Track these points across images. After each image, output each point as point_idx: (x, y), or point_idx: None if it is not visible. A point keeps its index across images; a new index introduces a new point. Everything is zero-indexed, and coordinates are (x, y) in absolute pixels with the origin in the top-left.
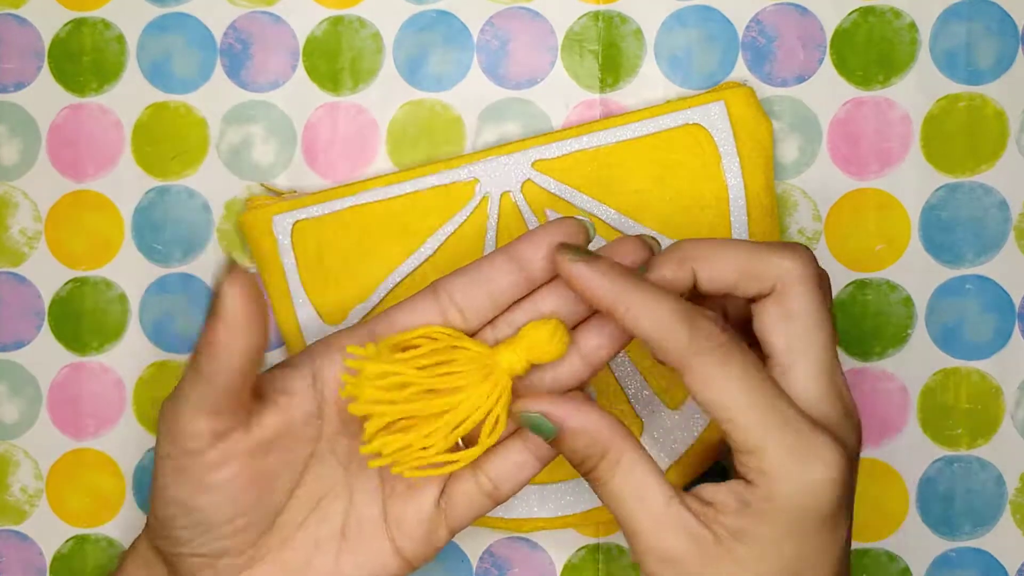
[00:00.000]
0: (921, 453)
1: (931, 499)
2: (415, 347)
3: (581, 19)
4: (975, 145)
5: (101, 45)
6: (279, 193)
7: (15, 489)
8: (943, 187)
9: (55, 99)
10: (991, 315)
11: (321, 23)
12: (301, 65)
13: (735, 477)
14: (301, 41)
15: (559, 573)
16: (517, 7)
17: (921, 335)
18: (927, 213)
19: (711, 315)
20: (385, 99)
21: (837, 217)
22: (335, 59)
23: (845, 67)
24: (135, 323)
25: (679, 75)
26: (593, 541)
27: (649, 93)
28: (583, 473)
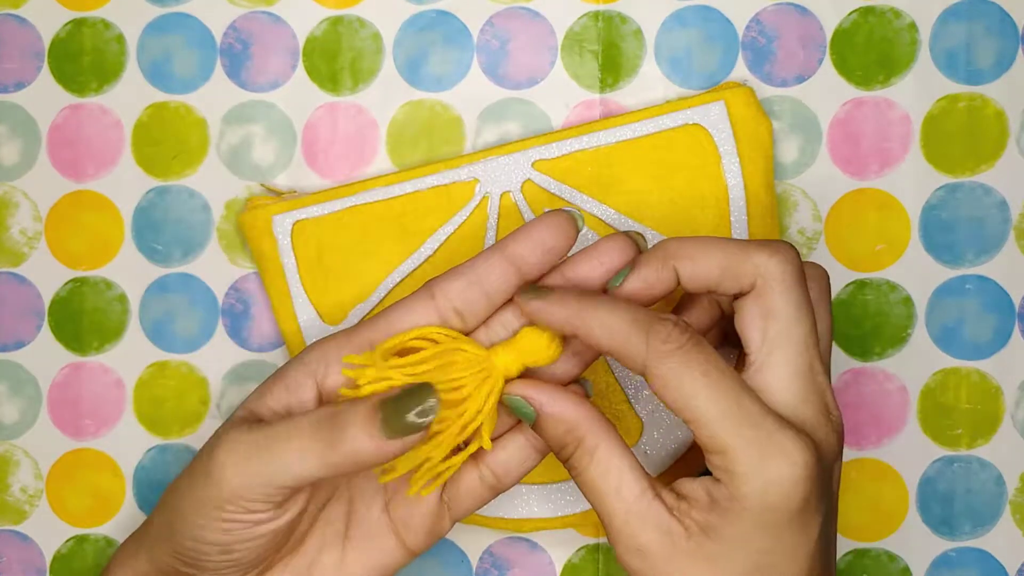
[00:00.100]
0: (921, 453)
1: (931, 499)
2: (414, 350)
3: (581, 19)
4: (975, 145)
5: (101, 45)
6: (279, 193)
7: (15, 489)
8: (943, 187)
9: (55, 99)
10: (991, 315)
11: (321, 23)
12: (301, 65)
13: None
14: (301, 41)
15: (559, 573)
16: (517, 7)
17: (921, 335)
18: (927, 213)
19: (670, 318)
20: (385, 99)
21: (837, 217)
22: (335, 59)
23: (845, 67)
24: (135, 323)
25: (679, 75)
26: (593, 541)
27: (649, 93)
28: (562, 461)
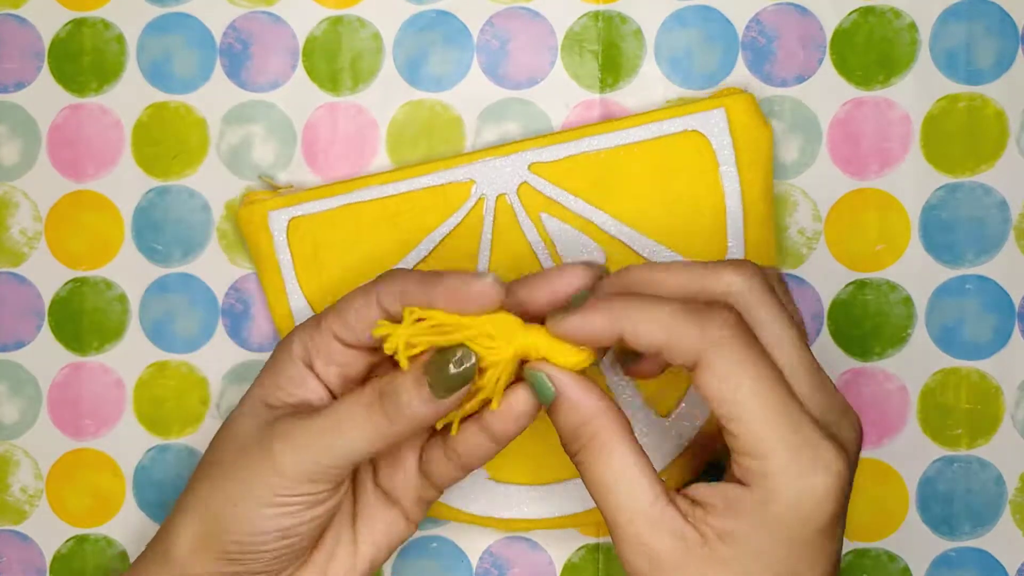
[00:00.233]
0: (921, 453)
1: (931, 499)
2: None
3: (581, 19)
4: (975, 145)
5: (101, 45)
6: (276, 188)
7: (15, 489)
8: (943, 187)
9: (55, 99)
10: (991, 315)
11: (321, 23)
12: (301, 65)
13: (729, 479)
14: (301, 41)
15: (559, 573)
16: (517, 7)
17: (921, 335)
18: (927, 213)
19: (720, 303)
20: (385, 99)
21: (837, 217)
22: (335, 59)
23: (845, 67)
24: (135, 323)
25: (679, 75)
26: (593, 541)
27: (649, 93)
28: (571, 454)
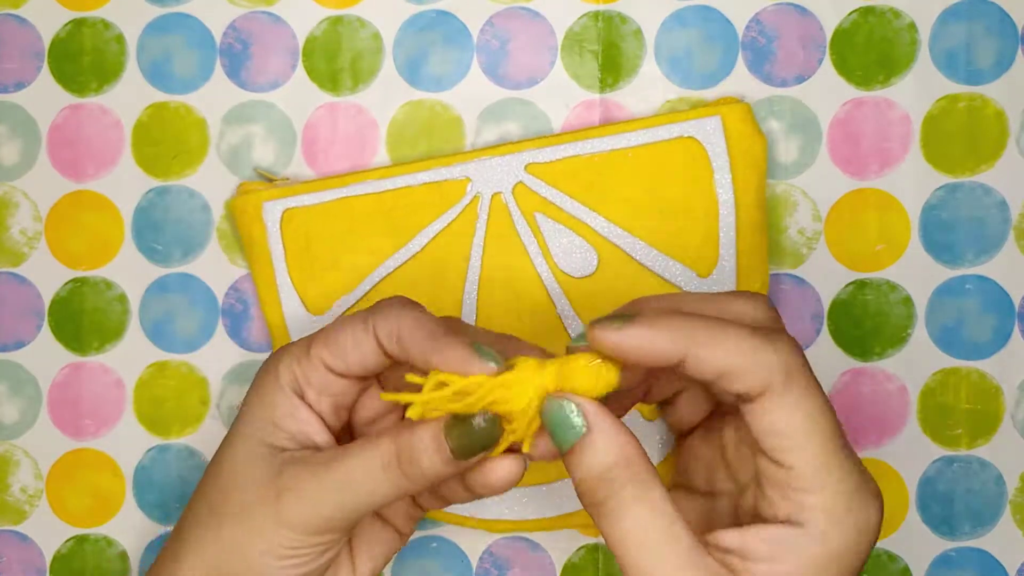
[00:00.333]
0: (921, 453)
1: (931, 499)
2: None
3: (581, 19)
4: (975, 145)
5: (101, 45)
6: (271, 179)
7: (15, 489)
8: (943, 187)
9: (55, 99)
10: (991, 315)
11: (321, 23)
12: (301, 65)
13: (767, 519)
14: (301, 41)
15: (559, 573)
16: (517, 7)
17: (921, 335)
18: (927, 213)
19: (783, 330)
20: (385, 99)
21: (837, 217)
22: (335, 59)
23: (845, 67)
24: (135, 323)
25: (679, 75)
26: (593, 541)
27: (649, 93)
28: (595, 502)
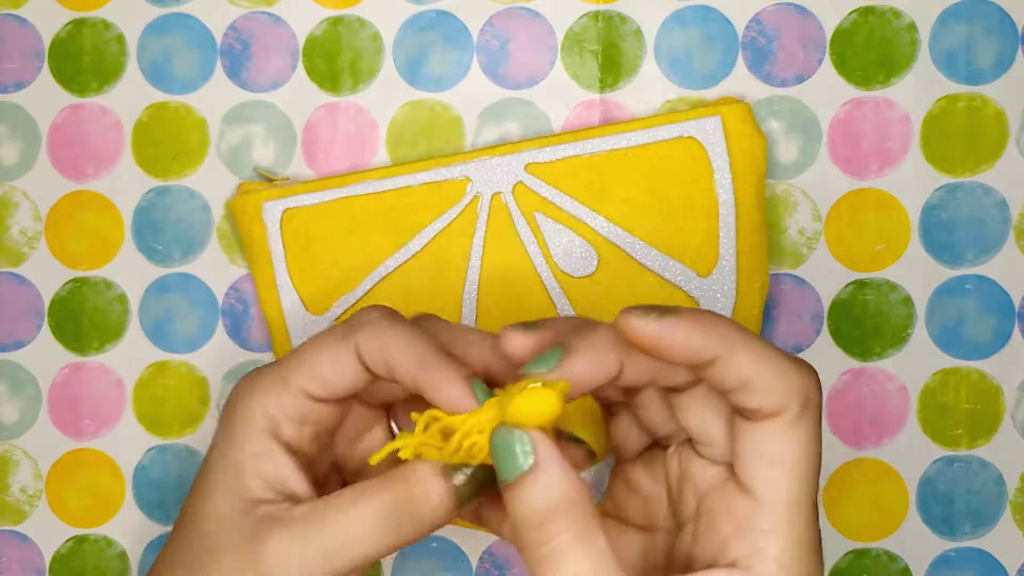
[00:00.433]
0: (921, 453)
1: (931, 499)
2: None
3: (581, 19)
4: (975, 145)
5: (101, 45)
6: (271, 179)
7: (15, 489)
8: (943, 187)
9: (55, 99)
10: (991, 315)
11: (321, 23)
12: (301, 65)
13: (702, 564)
14: (301, 41)
15: None
16: (517, 7)
17: (921, 335)
18: (927, 213)
19: (816, 373)
20: (385, 99)
21: (837, 217)
22: (335, 59)
23: (845, 67)
24: (135, 323)
25: (679, 75)
26: None
27: (649, 93)
28: (529, 544)
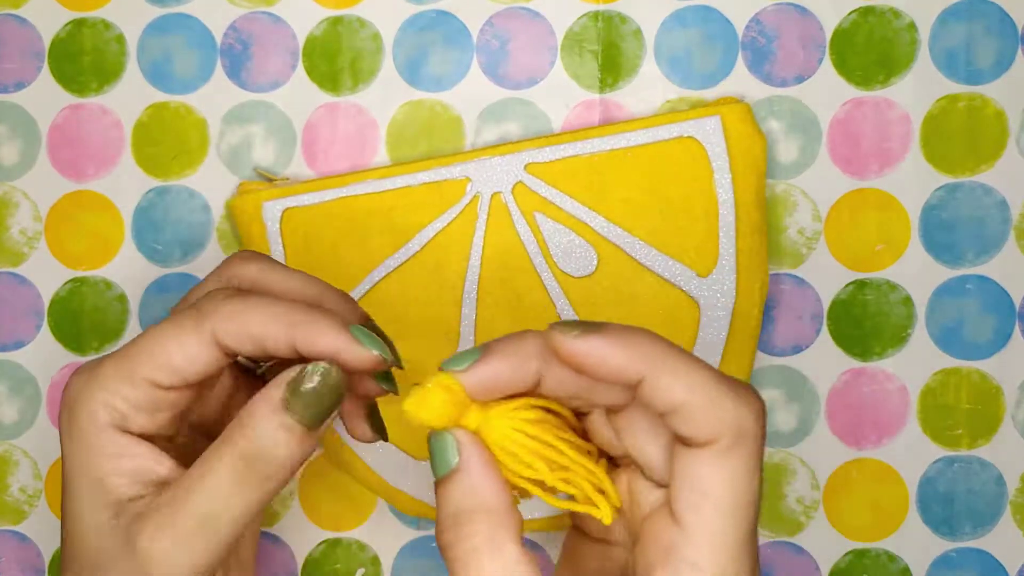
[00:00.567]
0: (921, 453)
1: (931, 499)
2: None
3: (581, 19)
4: (975, 145)
5: (101, 45)
6: (271, 179)
7: (14, 489)
8: (943, 187)
9: (55, 99)
10: (991, 315)
11: (321, 23)
12: (301, 65)
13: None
14: (301, 41)
15: None
16: (517, 7)
17: (921, 335)
18: (927, 213)
19: (760, 400)
20: (385, 99)
21: (837, 217)
22: (335, 59)
23: (845, 67)
24: (135, 323)
25: (679, 75)
26: None
27: (649, 93)
28: (445, 543)
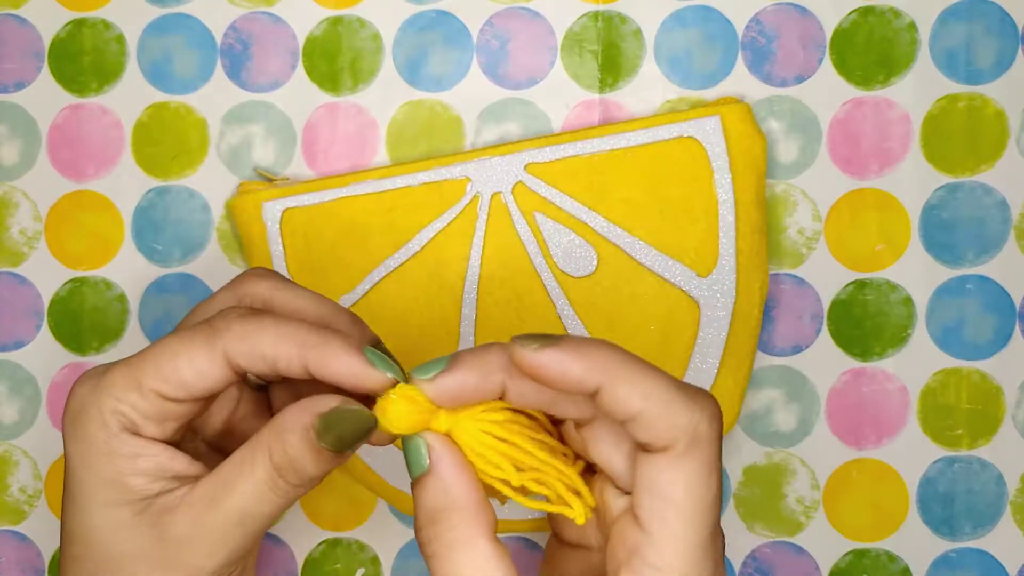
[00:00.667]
0: (921, 453)
1: (931, 499)
2: None
3: (581, 19)
4: (975, 145)
5: (101, 45)
6: (271, 179)
7: (14, 489)
8: (943, 187)
9: (55, 99)
10: (991, 315)
11: (321, 23)
12: (301, 65)
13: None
14: (301, 41)
15: None
16: (517, 7)
17: (921, 335)
18: (927, 213)
19: (709, 393)
20: (385, 99)
21: (837, 217)
22: (335, 59)
23: (845, 67)
24: (135, 323)
25: (679, 75)
26: None
27: (649, 93)
28: (423, 540)
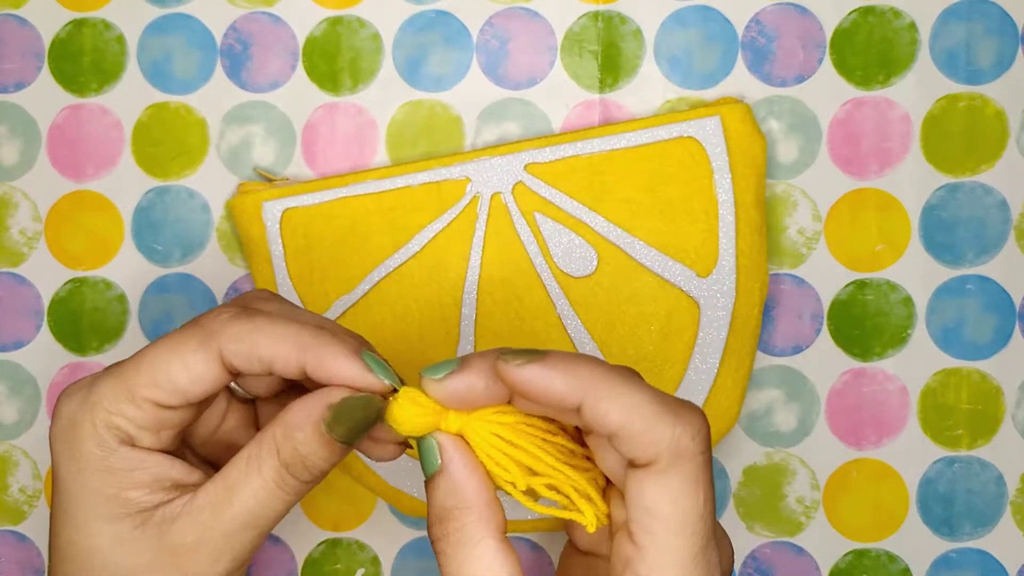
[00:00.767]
0: (921, 453)
1: (931, 499)
2: None
3: (581, 19)
4: (975, 145)
5: (101, 45)
6: (271, 179)
7: (14, 489)
8: (943, 187)
9: (55, 99)
10: (991, 315)
11: (321, 23)
12: (301, 65)
13: None
14: (301, 41)
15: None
16: (517, 7)
17: (921, 335)
18: (927, 213)
19: (695, 406)
20: (384, 99)
21: (837, 217)
22: (335, 59)
23: (845, 67)
24: (135, 323)
25: (679, 75)
26: None
27: (649, 93)
28: (434, 537)
